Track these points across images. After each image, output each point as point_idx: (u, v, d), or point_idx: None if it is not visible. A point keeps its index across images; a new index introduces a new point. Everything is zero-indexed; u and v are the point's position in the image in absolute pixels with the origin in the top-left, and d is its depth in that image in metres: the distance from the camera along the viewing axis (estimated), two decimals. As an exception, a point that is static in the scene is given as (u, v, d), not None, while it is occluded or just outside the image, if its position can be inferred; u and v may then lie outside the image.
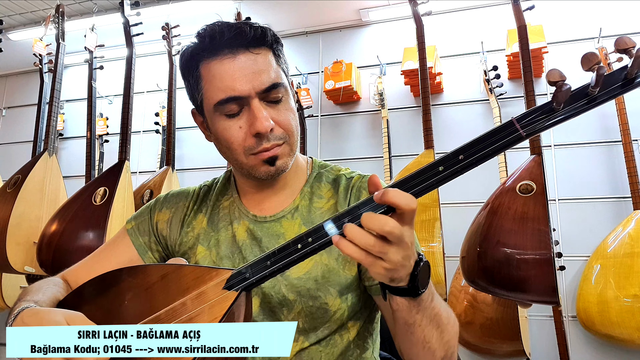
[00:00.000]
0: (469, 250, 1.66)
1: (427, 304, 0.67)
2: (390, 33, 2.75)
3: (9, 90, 3.55)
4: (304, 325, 0.84)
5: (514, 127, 0.56)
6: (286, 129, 0.82)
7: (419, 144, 2.11)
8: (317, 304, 0.83)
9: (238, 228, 0.90)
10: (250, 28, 0.80)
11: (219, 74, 0.79)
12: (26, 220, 2.23)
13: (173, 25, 2.68)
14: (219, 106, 0.80)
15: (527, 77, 1.81)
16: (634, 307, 1.79)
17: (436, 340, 0.70)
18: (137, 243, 0.95)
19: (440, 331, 0.70)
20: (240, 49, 0.79)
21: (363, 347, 0.89)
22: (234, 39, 0.79)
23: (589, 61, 0.52)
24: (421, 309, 0.67)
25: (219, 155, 0.89)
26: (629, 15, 2.31)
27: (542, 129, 0.55)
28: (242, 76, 0.78)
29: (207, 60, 0.81)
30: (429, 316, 0.68)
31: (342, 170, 0.94)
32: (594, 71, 0.52)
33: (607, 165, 2.23)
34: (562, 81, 0.52)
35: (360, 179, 0.90)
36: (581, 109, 0.54)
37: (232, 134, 0.81)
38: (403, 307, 0.66)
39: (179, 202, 0.97)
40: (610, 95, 0.53)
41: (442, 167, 0.58)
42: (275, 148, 0.81)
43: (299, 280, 0.84)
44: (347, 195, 0.88)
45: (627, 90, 0.53)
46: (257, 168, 0.83)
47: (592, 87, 0.53)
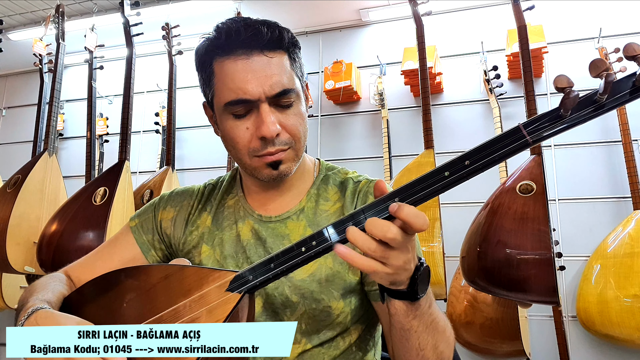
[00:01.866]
0: (469, 250, 1.66)
1: (424, 309, 0.68)
2: (390, 33, 2.75)
3: (9, 90, 3.55)
4: (306, 327, 0.83)
5: (521, 134, 0.55)
6: (293, 134, 0.82)
7: (419, 144, 2.10)
8: (320, 306, 0.83)
9: (243, 227, 0.90)
10: (267, 29, 0.80)
11: (231, 73, 0.79)
12: (26, 220, 2.23)
13: (173, 25, 2.67)
14: (229, 106, 0.80)
15: (527, 77, 1.81)
16: (634, 307, 1.79)
17: (430, 349, 0.71)
18: (141, 241, 0.95)
19: (435, 340, 0.71)
20: (255, 51, 0.79)
21: (365, 350, 0.89)
22: (249, 40, 0.79)
23: (598, 68, 0.51)
24: (418, 314, 0.67)
25: (219, 155, 0.90)
26: (629, 15, 2.31)
27: (549, 135, 0.54)
28: (254, 79, 0.78)
29: (221, 58, 0.81)
30: (425, 323, 0.69)
31: (350, 174, 0.94)
32: (602, 78, 0.51)
33: (607, 165, 2.23)
34: (569, 87, 0.51)
35: (367, 183, 0.90)
36: (589, 116, 0.53)
37: (239, 134, 0.81)
38: (401, 311, 0.67)
39: (183, 201, 0.97)
40: (619, 102, 0.52)
41: (448, 172, 0.57)
42: (280, 153, 0.81)
43: (303, 283, 0.83)
44: (354, 200, 0.88)
45: (635, 98, 0.52)
46: (260, 170, 0.83)
47: (600, 94, 0.52)
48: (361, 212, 0.60)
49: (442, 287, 1.83)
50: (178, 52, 2.68)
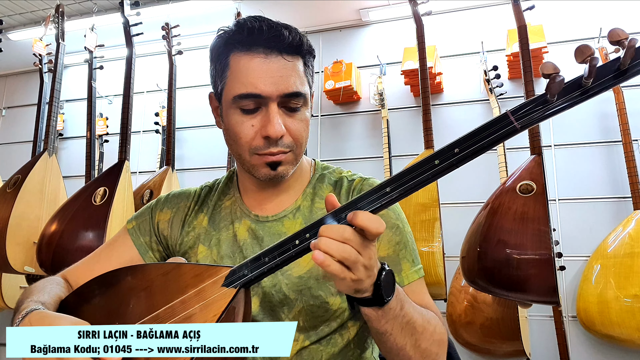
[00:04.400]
0: (469, 250, 1.66)
1: (396, 312, 0.68)
2: (390, 33, 2.75)
3: (9, 90, 3.54)
4: (304, 324, 0.84)
5: (509, 120, 0.56)
6: (296, 138, 0.83)
7: (419, 144, 2.10)
8: (317, 302, 0.83)
9: (239, 227, 0.91)
10: (289, 33, 0.81)
11: (246, 69, 0.80)
12: (26, 220, 2.23)
13: (173, 25, 2.67)
14: (238, 99, 0.81)
15: (527, 77, 1.81)
16: (634, 307, 1.79)
17: (411, 348, 0.71)
18: (138, 243, 0.96)
19: (414, 339, 0.71)
20: (274, 52, 0.80)
21: (363, 347, 0.89)
22: (270, 40, 0.80)
23: (582, 53, 0.52)
24: (390, 318, 0.68)
25: (219, 155, 0.90)
26: (629, 15, 2.31)
27: (536, 120, 0.56)
28: (269, 77, 0.79)
29: (239, 53, 0.81)
30: (400, 325, 0.69)
31: (344, 173, 0.96)
32: (587, 63, 0.52)
33: (607, 165, 2.23)
34: (555, 73, 0.52)
35: (361, 181, 0.92)
36: (575, 100, 0.54)
37: (243, 130, 0.82)
38: (372, 317, 0.68)
39: (180, 202, 0.98)
40: (604, 86, 0.53)
41: (438, 160, 0.59)
42: (281, 155, 0.82)
43: (300, 279, 0.84)
44: (348, 197, 0.90)
45: (620, 81, 0.53)
46: (258, 169, 0.84)
47: (586, 79, 0.53)
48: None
49: (442, 287, 1.83)
50: (178, 52, 2.68)
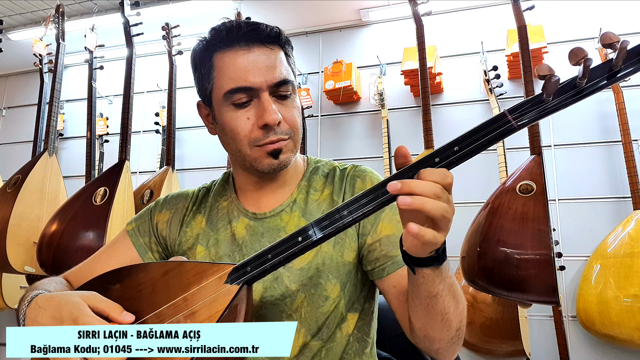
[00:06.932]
0: (469, 250, 1.66)
1: (446, 272, 0.68)
2: (390, 33, 2.75)
3: (9, 90, 3.55)
4: (305, 315, 0.85)
5: (506, 119, 0.58)
6: (292, 125, 0.84)
7: (419, 144, 2.11)
8: (318, 291, 0.85)
9: (237, 226, 0.91)
10: (266, 26, 0.84)
11: (232, 64, 0.82)
12: (26, 220, 2.23)
13: (173, 25, 2.67)
14: (229, 95, 0.82)
15: (527, 77, 1.81)
16: (634, 307, 1.79)
17: (453, 311, 0.71)
18: (138, 244, 0.97)
19: (456, 301, 0.72)
20: (256, 43, 0.82)
21: (362, 342, 0.90)
22: (250, 33, 0.82)
23: (576, 56, 0.54)
24: (443, 277, 0.67)
25: (219, 155, 0.90)
26: (629, 15, 2.31)
27: (533, 119, 0.57)
28: (256, 69, 0.81)
29: (222, 51, 0.83)
30: (448, 285, 0.69)
31: (336, 164, 0.98)
32: (580, 64, 0.54)
33: (607, 165, 2.23)
34: (550, 74, 0.54)
35: (353, 168, 0.94)
36: (570, 99, 0.56)
37: (239, 124, 0.83)
38: (428, 278, 0.66)
39: (178, 203, 0.99)
40: (597, 86, 0.55)
41: (438, 158, 0.60)
42: (281, 142, 0.83)
43: (302, 271, 0.85)
44: (342, 184, 0.91)
45: (613, 82, 0.55)
46: (261, 160, 0.84)
47: (580, 79, 0.55)
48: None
49: (442, 287, 1.83)
50: (178, 52, 2.68)
